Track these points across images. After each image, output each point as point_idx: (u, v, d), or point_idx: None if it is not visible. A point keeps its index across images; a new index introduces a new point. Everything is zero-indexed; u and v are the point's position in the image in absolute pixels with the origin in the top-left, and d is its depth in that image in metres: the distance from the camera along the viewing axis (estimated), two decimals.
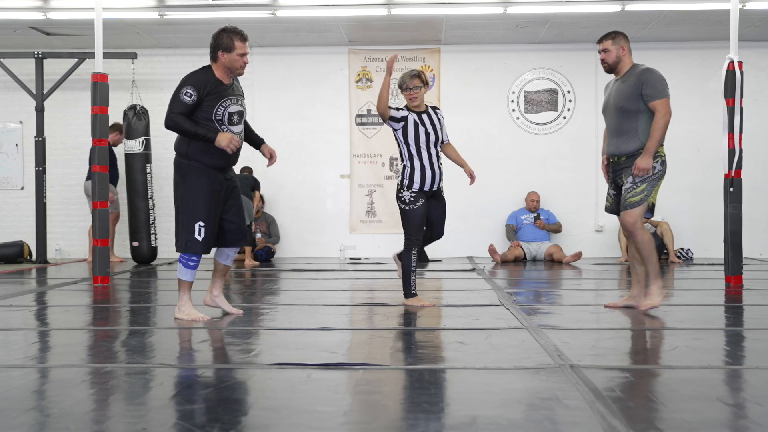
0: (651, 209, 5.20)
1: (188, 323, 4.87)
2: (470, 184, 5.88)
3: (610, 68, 5.34)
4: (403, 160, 5.64)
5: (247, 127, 5.19)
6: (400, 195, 5.60)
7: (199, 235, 4.86)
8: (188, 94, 4.77)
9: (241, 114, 4.98)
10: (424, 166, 5.55)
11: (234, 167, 5.17)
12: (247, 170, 10.10)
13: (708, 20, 9.39)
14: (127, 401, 3.02)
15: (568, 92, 10.61)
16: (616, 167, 5.31)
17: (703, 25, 9.65)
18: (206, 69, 4.93)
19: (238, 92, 5.02)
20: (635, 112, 5.13)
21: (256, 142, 5.27)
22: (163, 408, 2.88)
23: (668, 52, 10.51)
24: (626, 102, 5.15)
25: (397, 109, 5.64)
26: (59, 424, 2.67)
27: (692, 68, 10.49)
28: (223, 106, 4.86)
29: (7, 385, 3.23)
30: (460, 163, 5.81)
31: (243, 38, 4.91)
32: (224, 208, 5.01)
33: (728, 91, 6.73)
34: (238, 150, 4.98)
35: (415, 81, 5.58)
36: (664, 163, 5.17)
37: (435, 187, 5.63)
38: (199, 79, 4.83)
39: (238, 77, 5.07)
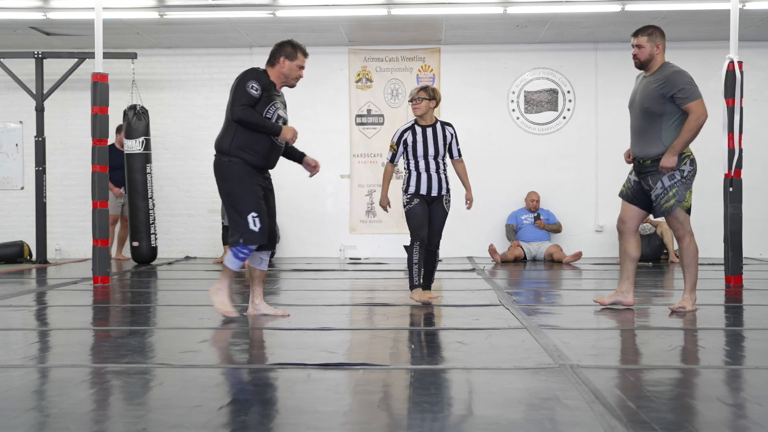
0: (688, 210, 5.15)
1: (218, 311, 4.92)
2: (467, 208, 6.12)
3: (641, 65, 5.24)
4: (406, 167, 6.00)
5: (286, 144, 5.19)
6: (402, 197, 5.96)
7: (255, 225, 4.83)
8: (254, 88, 4.83)
9: (286, 122, 5.05)
10: (420, 173, 5.89)
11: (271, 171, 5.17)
12: None
13: (708, 20, 9.40)
14: (127, 401, 3.02)
15: (568, 92, 10.61)
16: (641, 169, 5.20)
17: (703, 25, 9.65)
18: (263, 70, 4.99)
19: (283, 101, 5.11)
20: (658, 114, 5.03)
21: (297, 155, 5.26)
22: (163, 408, 2.88)
23: (668, 52, 10.34)
24: (651, 103, 5.06)
25: (394, 145, 5.97)
26: (59, 424, 2.67)
27: (692, 68, 10.35)
28: (275, 107, 4.95)
29: (7, 385, 3.24)
30: (465, 185, 6.11)
31: (305, 54, 5.10)
32: None
33: (728, 91, 6.73)
34: (278, 155, 5.05)
35: (420, 93, 5.94)
36: (693, 162, 5.11)
37: (434, 193, 5.89)
38: (260, 75, 4.91)
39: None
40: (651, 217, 10.01)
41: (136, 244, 9.66)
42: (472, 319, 4.97)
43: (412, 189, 5.88)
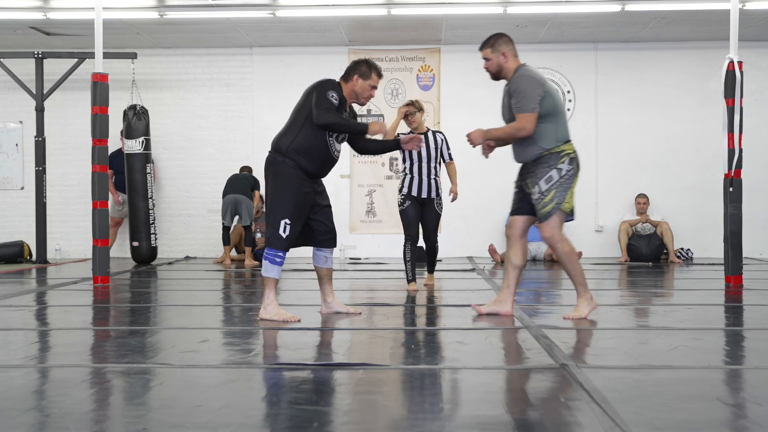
0: (571, 212, 4.94)
1: (278, 324, 4.75)
2: (452, 200, 6.86)
3: (495, 76, 5.06)
4: (404, 170, 6.72)
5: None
6: (398, 197, 6.74)
7: (284, 232, 4.85)
8: (334, 97, 4.86)
9: (345, 137, 5.08)
10: (413, 176, 6.62)
11: (324, 179, 5.19)
12: (246, 170, 10.10)
13: (708, 20, 9.40)
14: (127, 401, 3.02)
15: (568, 92, 10.61)
16: (522, 170, 5.03)
17: (703, 25, 9.66)
18: (338, 83, 5.02)
19: (353, 115, 5.17)
20: None
21: (392, 145, 5.30)
22: (163, 408, 2.88)
23: (668, 52, 10.52)
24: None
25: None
26: (59, 424, 2.67)
27: (692, 68, 10.50)
28: None
29: (7, 385, 3.23)
30: (452, 182, 6.84)
31: (380, 74, 5.03)
32: (315, 210, 5.02)
33: (728, 91, 6.71)
34: (331, 166, 5.08)
35: (410, 108, 6.64)
36: (573, 161, 4.84)
37: (424, 195, 6.62)
38: (337, 87, 4.94)
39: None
40: (650, 216, 10.08)
41: (136, 244, 9.67)
42: (472, 319, 4.97)
43: (405, 190, 6.63)
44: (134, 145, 9.65)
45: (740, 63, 6.71)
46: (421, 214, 6.63)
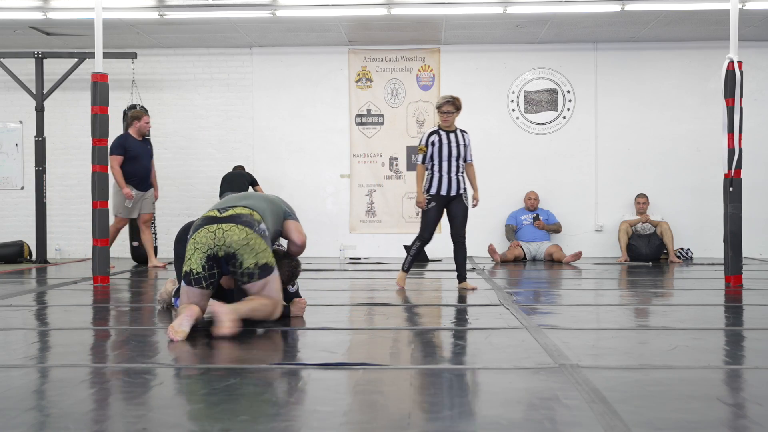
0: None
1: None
2: (473, 206, 6.92)
3: None
4: (429, 168, 6.77)
5: None
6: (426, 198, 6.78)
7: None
8: None
9: None
10: (442, 175, 6.69)
11: None
12: (240, 168, 10.15)
13: (708, 20, 9.40)
14: (127, 401, 3.02)
15: (568, 92, 10.61)
16: None
17: (703, 25, 9.66)
18: None
19: None
20: None
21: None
22: (163, 408, 2.88)
23: (668, 52, 10.52)
24: None
25: (424, 147, 6.77)
26: (59, 424, 2.67)
27: (692, 68, 10.50)
28: None
29: (7, 385, 3.23)
30: (473, 186, 6.96)
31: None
32: None
33: (728, 91, 6.71)
34: None
35: (449, 107, 6.75)
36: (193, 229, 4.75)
37: (453, 193, 6.72)
38: None
39: None
40: (650, 216, 10.08)
41: (136, 244, 9.66)
42: (472, 319, 4.97)
43: (433, 190, 6.70)
44: None
45: (740, 63, 6.71)
46: (449, 210, 6.76)
